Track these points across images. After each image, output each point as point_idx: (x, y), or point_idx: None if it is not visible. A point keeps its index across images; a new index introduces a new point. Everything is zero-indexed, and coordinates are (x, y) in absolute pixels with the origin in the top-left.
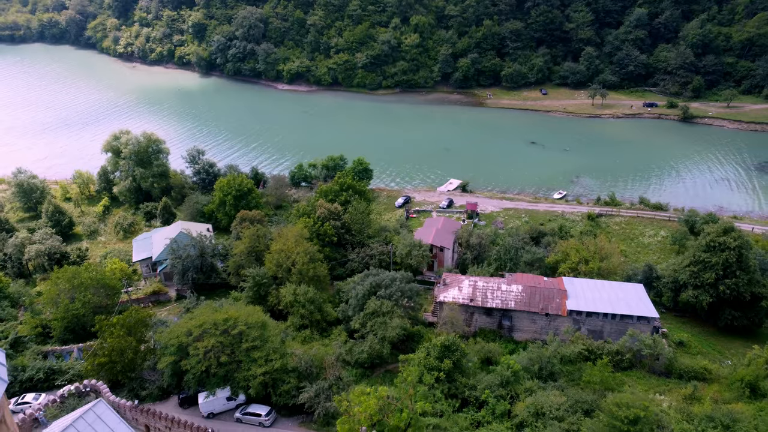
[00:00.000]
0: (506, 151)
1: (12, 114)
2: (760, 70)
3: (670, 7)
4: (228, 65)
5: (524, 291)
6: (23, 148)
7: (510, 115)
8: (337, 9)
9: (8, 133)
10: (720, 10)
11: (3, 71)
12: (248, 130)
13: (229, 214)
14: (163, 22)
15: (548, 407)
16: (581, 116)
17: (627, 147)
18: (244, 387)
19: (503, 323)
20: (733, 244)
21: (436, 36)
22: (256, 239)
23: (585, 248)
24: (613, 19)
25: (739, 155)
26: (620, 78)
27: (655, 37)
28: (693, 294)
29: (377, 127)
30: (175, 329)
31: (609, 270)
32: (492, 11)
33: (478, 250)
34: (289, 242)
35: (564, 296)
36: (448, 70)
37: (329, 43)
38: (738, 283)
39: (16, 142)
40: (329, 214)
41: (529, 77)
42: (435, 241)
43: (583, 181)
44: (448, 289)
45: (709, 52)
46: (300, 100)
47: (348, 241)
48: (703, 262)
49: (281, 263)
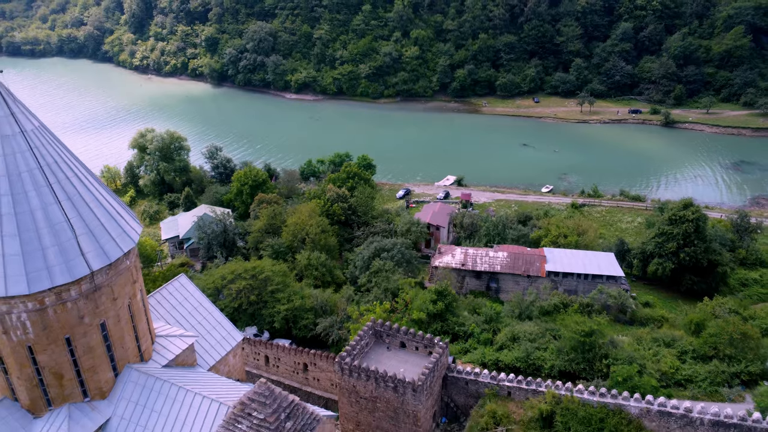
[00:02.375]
0: (499, 152)
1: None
2: (738, 79)
3: (654, 21)
4: (239, 76)
5: (509, 256)
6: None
7: (504, 121)
8: (342, 24)
9: None
10: (700, 24)
11: (26, 81)
12: (257, 134)
13: (246, 203)
14: (177, 37)
15: (523, 333)
16: (570, 122)
17: (612, 148)
18: (269, 323)
19: (491, 285)
20: (692, 217)
21: (435, 48)
22: (272, 217)
23: (564, 226)
24: (600, 33)
25: (715, 156)
26: (607, 87)
27: (640, 49)
28: (658, 262)
29: (379, 132)
30: (211, 275)
31: (585, 244)
32: (487, 26)
33: (471, 229)
34: (303, 216)
35: (543, 261)
36: (446, 80)
37: (334, 55)
38: (696, 251)
39: None
40: (338, 197)
41: (522, 87)
42: (432, 220)
43: (570, 178)
44: (443, 256)
45: (690, 63)
46: (307, 108)
47: (354, 221)
48: (667, 234)
49: (297, 234)
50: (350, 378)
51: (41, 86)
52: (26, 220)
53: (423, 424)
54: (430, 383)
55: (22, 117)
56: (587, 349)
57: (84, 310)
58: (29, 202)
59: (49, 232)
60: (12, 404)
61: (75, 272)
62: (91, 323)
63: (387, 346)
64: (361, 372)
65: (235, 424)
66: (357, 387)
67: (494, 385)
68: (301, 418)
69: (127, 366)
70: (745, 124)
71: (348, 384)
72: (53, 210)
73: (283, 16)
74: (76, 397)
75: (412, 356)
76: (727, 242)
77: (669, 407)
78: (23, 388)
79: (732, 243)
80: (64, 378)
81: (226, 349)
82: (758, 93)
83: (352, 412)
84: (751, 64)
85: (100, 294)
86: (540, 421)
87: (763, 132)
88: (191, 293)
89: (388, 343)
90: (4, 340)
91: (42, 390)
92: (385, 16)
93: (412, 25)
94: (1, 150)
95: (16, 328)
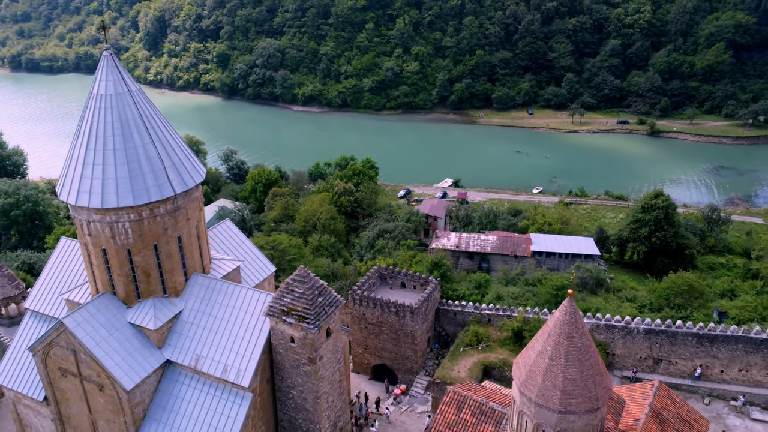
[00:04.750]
0: (494, 158)
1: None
2: (720, 92)
3: (641, 39)
4: (248, 90)
5: (498, 239)
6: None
7: (499, 131)
8: (347, 41)
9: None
10: (684, 42)
11: (46, 94)
12: (266, 142)
13: (260, 199)
14: (190, 53)
15: (507, 293)
16: (562, 131)
17: (600, 155)
18: None
19: (482, 265)
20: (662, 205)
21: (434, 64)
22: (286, 207)
23: (550, 216)
24: (590, 49)
25: (697, 162)
26: (597, 100)
27: (627, 64)
28: (633, 246)
29: (382, 141)
30: None
31: (569, 231)
32: (483, 42)
33: (465, 220)
34: (315, 204)
35: (529, 243)
36: (445, 94)
37: (339, 70)
38: (666, 235)
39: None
40: (344, 190)
41: (517, 100)
42: (430, 211)
43: (560, 181)
44: (439, 240)
45: (675, 78)
46: (313, 120)
47: (359, 213)
48: (640, 220)
49: (309, 220)
50: (360, 307)
51: (57, 99)
52: (132, 154)
53: (420, 344)
54: (425, 309)
55: (129, 81)
56: (559, 302)
57: (168, 224)
58: (134, 140)
59: (147, 163)
60: (112, 297)
61: (164, 193)
62: (172, 235)
63: (390, 285)
64: (369, 301)
65: (281, 297)
66: (365, 314)
67: (477, 314)
68: (328, 296)
69: (194, 273)
70: (725, 134)
71: (358, 312)
72: (149, 148)
73: (291, 33)
74: (158, 293)
75: (411, 292)
76: (697, 231)
77: (613, 321)
78: (121, 284)
79: (702, 232)
80: (151, 276)
81: (263, 277)
82: (739, 105)
83: (362, 337)
84: (732, 78)
85: (179, 213)
86: (512, 338)
87: (743, 141)
88: (235, 233)
89: (390, 283)
90: (111, 243)
91: (134, 285)
92: (387, 33)
93: (413, 42)
94: (116, 103)
95: (120, 234)
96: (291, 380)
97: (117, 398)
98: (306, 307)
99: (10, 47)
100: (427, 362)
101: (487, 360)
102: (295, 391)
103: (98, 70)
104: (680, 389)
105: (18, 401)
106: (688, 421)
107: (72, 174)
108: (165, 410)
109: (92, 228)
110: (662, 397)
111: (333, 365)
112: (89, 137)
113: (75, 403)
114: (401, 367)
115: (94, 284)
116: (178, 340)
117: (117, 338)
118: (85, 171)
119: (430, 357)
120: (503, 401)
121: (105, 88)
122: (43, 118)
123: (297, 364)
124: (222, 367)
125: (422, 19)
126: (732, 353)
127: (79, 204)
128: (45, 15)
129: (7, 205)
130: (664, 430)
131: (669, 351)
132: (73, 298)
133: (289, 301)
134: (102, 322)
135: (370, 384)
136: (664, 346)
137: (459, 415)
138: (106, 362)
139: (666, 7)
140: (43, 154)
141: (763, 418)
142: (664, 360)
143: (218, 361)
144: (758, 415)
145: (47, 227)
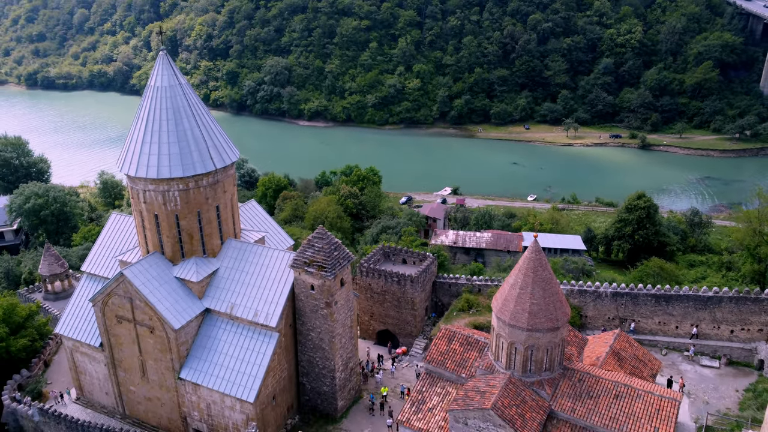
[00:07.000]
0: (492, 169)
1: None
2: (708, 108)
3: (633, 57)
4: (257, 106)
5: (492, 236)
6: (87, 159)
7: (497, 144)
8: (351, 59)
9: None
10: (674, 60)
11: (61, 109)
12: (273, 154)
13: (270, 204)
14: (200, 71)
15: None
16: (557, 145)
17: (592, 166)
18: None
19: (477, 260)
20: (644, 205)
21: (435, 81)
22: (295, 208)
23: (542, 217)
24: (584, 67)
25: (685, 172)
26: (591, 115)
27: (620, 81)
28: (617, 244)
29: (384, 153)
30: None
31: (558, 231)
32: (482, 61)
33: (463, 222)
34: (323, 204)
35: (521, 239)
36: (445, 109)
37: (344, 87)
38: (648, 233)
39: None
40: (350, 194)
41: (514, 115)
42: (430, 213)
43: (553, 190)
44: (438, 237)
45: (665, 94)
46: (318, 134)
47: (364, 215)
48: (624, 220)
49: (317, 218)
50: (366, 278)
51: (71, 114)
52: (182, 134)
53: (419, 310)
54: (424, 279)
55: (180, 76)
56: None
57: (208, 194)
58: (183, 124)
59: (193, 143)
60: (161, 255)
61: (207, 167)
62: (212, 204)
63: (392, 261)
64: (374, 272)
65: (304, 251)
66: (371, 284)
67: (469, 285)
68: (342, 251)
69: (228, 238)
70: (713, 147)
71: (365, 283)
72: (196, 131)
73: (297, 52)
74: (199, 253)
75: (411, 267)
76: (679, 231)
77: (585, 287)
78: (169, 244)
79: (684, 233)
80: (194, 239)
81: (284, 248)
82: (726, 120)
83: (368, 305)
84: (720, 94)
85: (217, 186)
86: None
87: (729, 153)
88: (259, 212)
89: (393, 260)
90: (162, 209)
91: (179, 246)
92: (390, 52)
93: (415, 60)
94: (170, 93)
95: (171, 201)
96: (310, 323)
97: (165, 338)
98: (324, 259)
99: (26, 65)
100: (425, 328)
101: (477, 322)
102: (314, 333)
103: (155, 67)
104: (643, 344)
105: (75, 350)
106: (642, 360)
107: (132, 151)
108: (205, 349)
109: (147, 196)
110: (622, 341)
111: (345, 312)
112: (147, 121)
113: (127, 346)
114: (402, 331)
115: (145, 246)
116: (216, 292)
117: (166, 288)
118: (143, 148)
119: (427, 324)
120: (486, 337)
121: (161, 80)
122: (59, 130)
123: (316, 309)
124: (253, 312)
125: (423, 38)
126: (684, 310)
127: (138, 175)
128: (60, 35)
129: (38, 205)
130: (622, 366)
131: (632, 311)
132: (125, 259)
133: (311, 254)
134: (153, 275)
135: (375, 348)
136: (628, 306)
137: (449, 345)
138: (158, 306)
139: (657, 28)
140: (59, 163)
141: (711, 364)
142: (629, 319)
143: (250, 308)
144: (706, 362)
145: (73, 227)
